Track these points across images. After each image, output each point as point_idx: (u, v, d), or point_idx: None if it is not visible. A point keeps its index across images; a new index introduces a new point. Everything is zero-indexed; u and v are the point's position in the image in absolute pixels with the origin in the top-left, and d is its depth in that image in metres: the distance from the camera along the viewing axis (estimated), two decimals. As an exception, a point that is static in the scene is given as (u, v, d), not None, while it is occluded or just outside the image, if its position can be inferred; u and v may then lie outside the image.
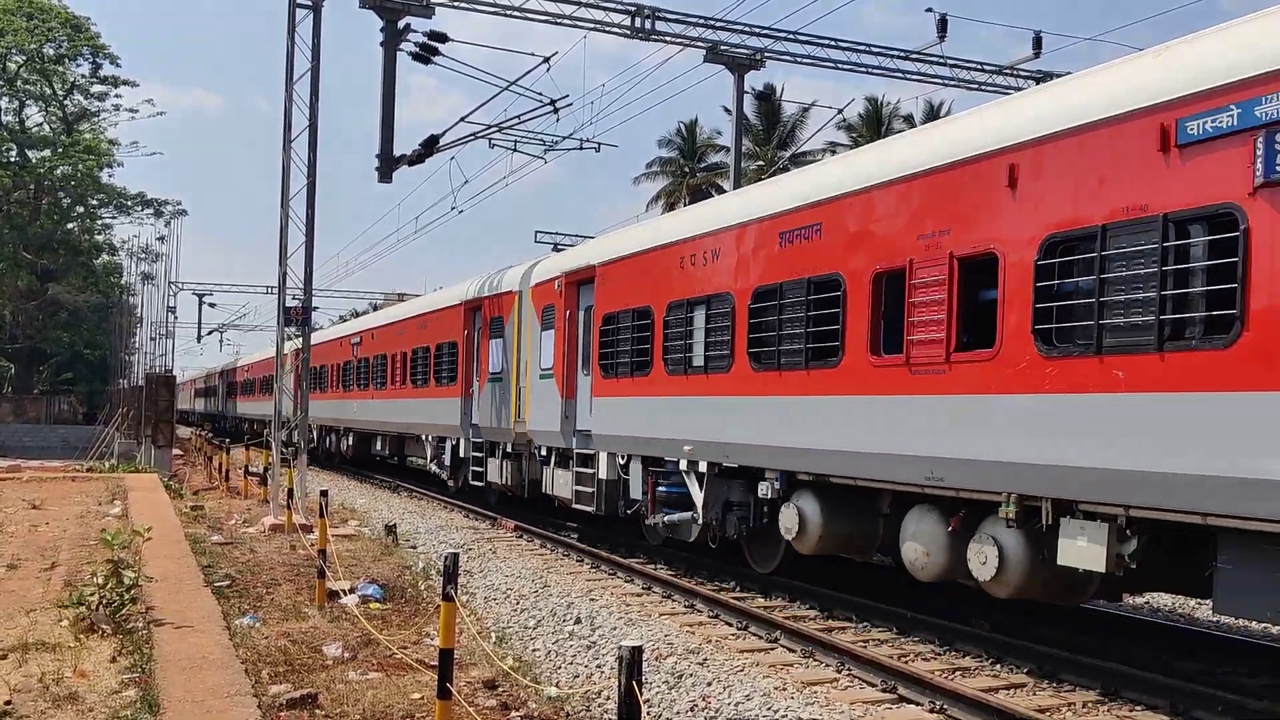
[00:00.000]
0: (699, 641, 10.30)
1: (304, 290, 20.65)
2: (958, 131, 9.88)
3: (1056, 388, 8.33)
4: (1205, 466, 7.21)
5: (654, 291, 14.49)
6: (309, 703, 7.91)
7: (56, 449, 44.17)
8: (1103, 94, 8.28)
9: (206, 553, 15.18)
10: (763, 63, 24.04)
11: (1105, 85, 8.36)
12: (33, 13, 51.18)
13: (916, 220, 9.87)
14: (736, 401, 12.50)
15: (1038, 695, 8.64)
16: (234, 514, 21.00)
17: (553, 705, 8.48)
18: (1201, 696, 8.01)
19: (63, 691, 7.90)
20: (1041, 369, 8.48)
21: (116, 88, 56.40)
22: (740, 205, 13.18)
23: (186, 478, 31.69)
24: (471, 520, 21.01)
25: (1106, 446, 7.88)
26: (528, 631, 11.44)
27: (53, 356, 60.92)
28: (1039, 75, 24.26)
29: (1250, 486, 6.91)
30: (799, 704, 8.16)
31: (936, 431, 9.51)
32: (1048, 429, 8.39)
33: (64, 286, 54.43)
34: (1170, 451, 7.44)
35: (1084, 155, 8.26)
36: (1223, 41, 7.58)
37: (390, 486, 28.27)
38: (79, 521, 18.57)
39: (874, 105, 53.56)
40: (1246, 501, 6.94)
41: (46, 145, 54.49)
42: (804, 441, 11.35)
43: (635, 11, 22.19)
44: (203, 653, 8.91)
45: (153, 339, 51.70)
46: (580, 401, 16.80)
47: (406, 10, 20.13)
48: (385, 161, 20.76)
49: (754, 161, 50.60)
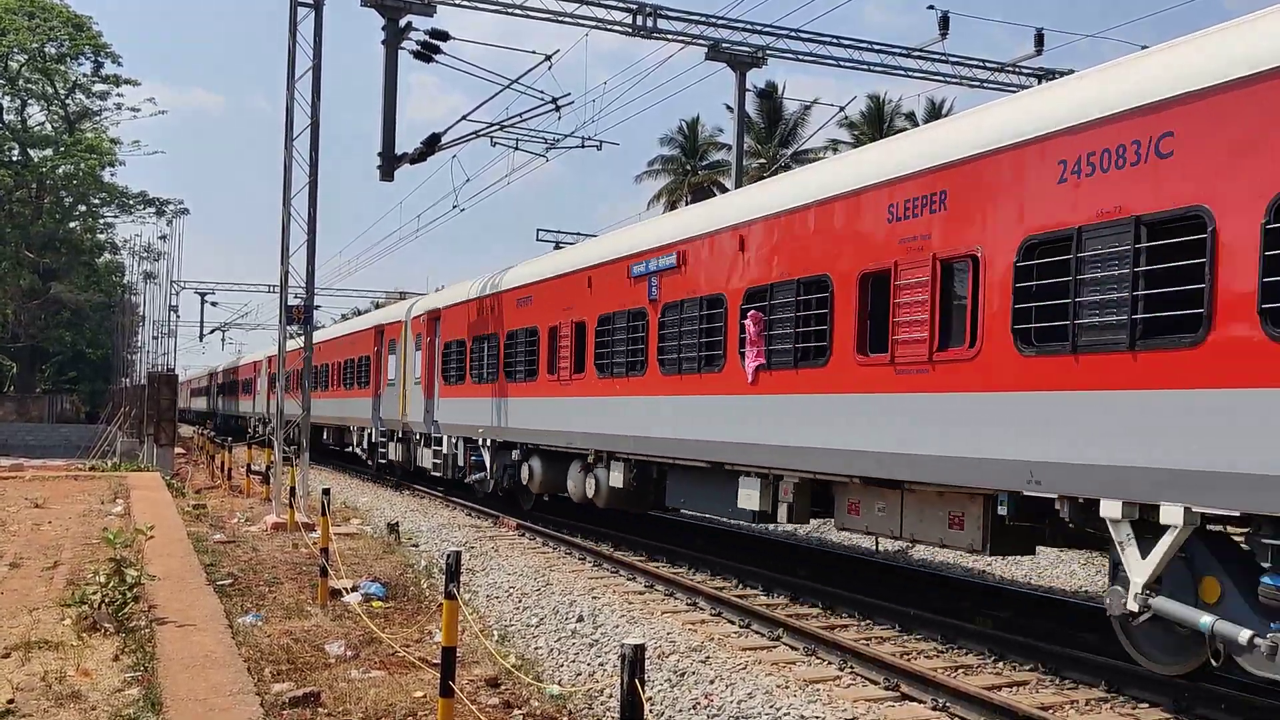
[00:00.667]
0: (701, 639, 10.30)
1: (306, 289, 20.65)
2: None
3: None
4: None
5: (468, 329, 22.21)
6: (311, 701, 7.91)
7: (59, 448, 44.25)
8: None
9: (209, 551, 15.19)
10: (764, 61, 24.02)
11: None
12: (34, 12, 51.23)
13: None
14: (498, 401, 20.09)
15: (1041, 693, 8.63)
16: (236, 513, 21.02)
17: (555, 703, 8.48)
18: (1204, 693, 8.00)
19: (65, 690, 7.91)
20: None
21: (118, 86, 56.55)
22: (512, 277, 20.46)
23: (189, 476, 31.73)
24: (473, 519, 21.02)
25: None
26: (530, 630, 11.44)
27: (55, 355, 61.03)
28: (1041, 73, 24.25)
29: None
30: (801, 702, 8.16)
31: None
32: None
33: (66, 285, 54.48)
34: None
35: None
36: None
37: (393, 485, 28.32)
38: (81, 520, 18.59)
39: (876, 103, 53.57)
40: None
41: (48, 144, 54.56)
42: (528, 424, 18.65)
43: (637, 10, 22.17)
44: (205, 651, 8.91)
45: (155, 338, 51.83)
46: (436, 401, 24.01)
47: (408, 9, 20.12)
48: (387, 160, 20.77)
49: (756, 159, 50.59)
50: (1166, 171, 7.56)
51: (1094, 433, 7.94)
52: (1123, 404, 7.74)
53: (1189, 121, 7.45)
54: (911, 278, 9.77)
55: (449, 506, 23.17)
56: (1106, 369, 7.87)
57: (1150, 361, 7.57)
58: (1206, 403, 7.17)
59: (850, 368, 10.56)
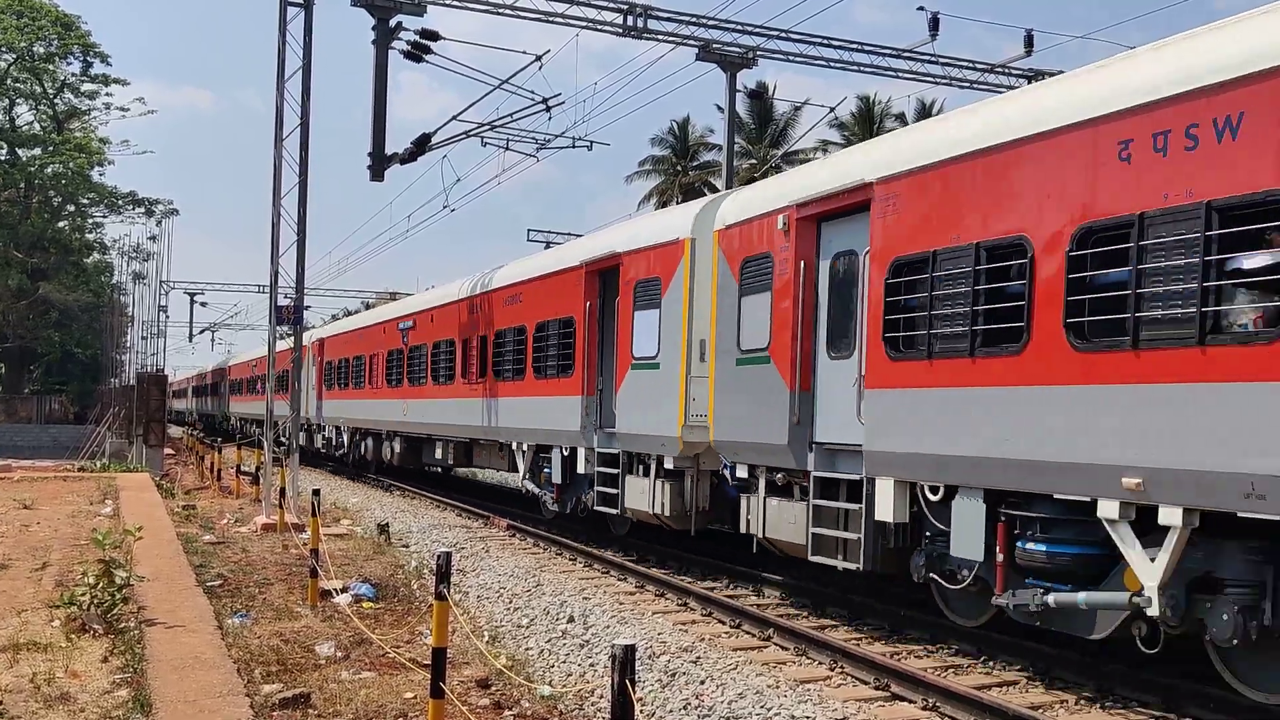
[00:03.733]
0: (692, 640, 10.31)
1: (296, 289, 20.61)
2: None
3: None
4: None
5: (339, 351, 33.32)
6: (301, 702, 7.90)
7: (48, 449, 44.03)
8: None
9: (198, 552, 15.15)
10: (755, 61, 24.02)
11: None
12: (23, 11, 50.97)
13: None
14: (352, 402, 30.22)
15: (1030, 693, 8.66)
16: (226, 513, 20.97)
17: (546, 704, 8.47)
18: (1193, 693, 8.03)
19: (54, 692, 7.88)
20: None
21: (107, 86, 56.24)
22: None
23: (178, 477, 31.63)
24: (464, 519, 20.99)
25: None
26: (521, 630, 11.43)
27: (44, 356, 60.71)
28: (1031, 74, 24.31)
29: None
30: (792, 701, 8.17)
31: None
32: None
33: (55, 286, 54.21)
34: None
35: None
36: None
37: (383, 486, 28.26)
38: (70, 521, 18.52)
39: (866, 103, 53.63)
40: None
41: (37, 144, 54.29)
42: (363, 415, 29.60)
43: (627, 10, 22.16)
44: (195, 652, 8.88)
45: (144, 338, 51.67)
46: (322, 402, 34.95)
47: (398, 9, 20.09)
48: (377, 160, 20.74)
49: (746, 159, 50.61)
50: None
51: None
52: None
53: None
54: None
55: (439, 507, 23.15)
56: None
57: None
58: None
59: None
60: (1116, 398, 7.63)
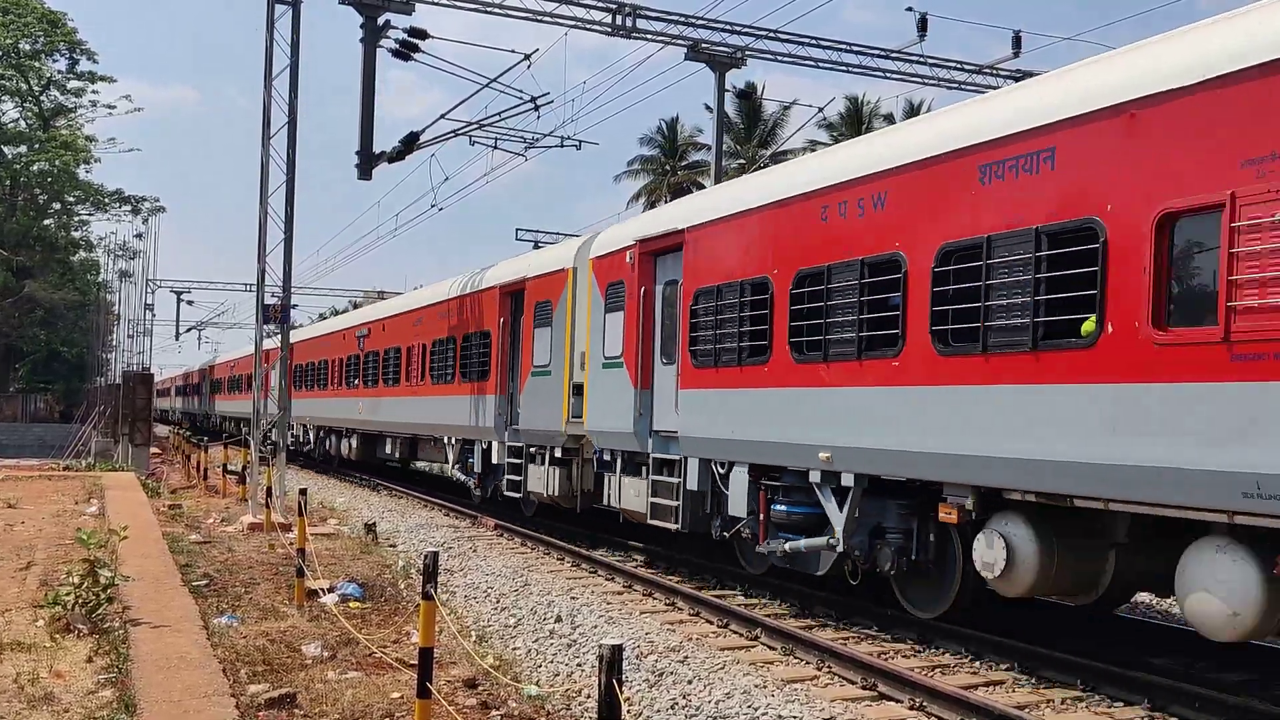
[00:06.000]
0: (680, 639, 10.30)
1: (283, 288, 20.53)
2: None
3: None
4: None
5: (306, 355, 36.32)
6: (288, 702, 7.86)
7: (33, 448, 43.82)
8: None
9: (184, 552, 15.08)
10: (744, 61, 24.04)
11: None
12: (8, 7, 50.74)
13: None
14: (318, 401, 32.89)
15: (1017, 692, 8.67)
16: (212, 513, 20.89)
17: (533, 704, 8.46)
18: (1178, 692, 8.06)
19: (39, 692, 7.84)
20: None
21: (94, 83, 56.03)
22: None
23: (164, 476, 31.50)
24: (451, 518, 20.96)
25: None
26: (508, 630, 11.41)
27: (29, 354, 60.48)
28: (1018, 74, 24.37)
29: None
30: (779, 701, 8.17)
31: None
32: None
33: (40, 284, 54.01)
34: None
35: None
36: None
37: (370, 485, 28.21)
38: (55, 521, 18.42)
39: (854, 104, 53.69)
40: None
41: (23, 141, 54.06)
42: (326, 413, 32.99)
43: (616, 9, 22.15)
44: (180, 653, 8.84)
45: (130, 336, 51.51)
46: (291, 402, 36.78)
47: (386, 7, 20.04)
48: (365, 158, 20.69)
49: (735, 159, 50.63)
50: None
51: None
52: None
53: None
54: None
55: (427, 506, 23.11)
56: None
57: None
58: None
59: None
60: (816, 396, 10.65)
